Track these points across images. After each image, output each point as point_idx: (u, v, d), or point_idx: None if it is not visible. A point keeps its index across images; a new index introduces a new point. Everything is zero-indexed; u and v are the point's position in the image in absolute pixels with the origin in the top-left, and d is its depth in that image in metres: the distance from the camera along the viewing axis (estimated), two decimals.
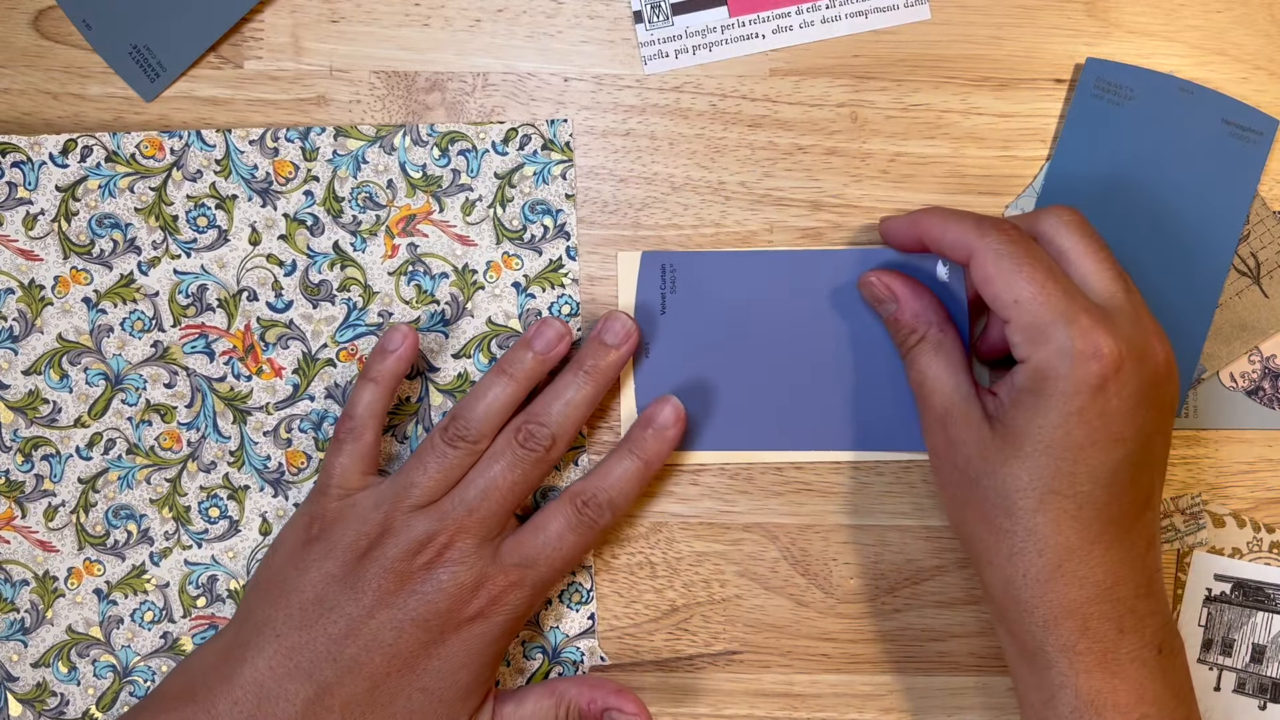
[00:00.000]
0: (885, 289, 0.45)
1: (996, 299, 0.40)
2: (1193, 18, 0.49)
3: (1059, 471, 0.39)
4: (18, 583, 0.48)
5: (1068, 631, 0.40)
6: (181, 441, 0.48)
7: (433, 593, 0.42)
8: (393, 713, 0.42)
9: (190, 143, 0.48)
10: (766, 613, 0.49)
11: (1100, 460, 0.39)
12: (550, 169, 0.49)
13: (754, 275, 0.44)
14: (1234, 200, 0.48)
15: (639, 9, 0.49)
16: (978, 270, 0.41)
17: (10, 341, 0.48)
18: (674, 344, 0.43)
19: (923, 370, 0.43)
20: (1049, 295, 0.39)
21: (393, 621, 0.42)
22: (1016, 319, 0.40)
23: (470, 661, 0.43)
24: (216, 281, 0.48)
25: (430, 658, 0.43)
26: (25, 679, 0.47)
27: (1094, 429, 0.39)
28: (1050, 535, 0.40)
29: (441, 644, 0.43)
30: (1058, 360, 0.39)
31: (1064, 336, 0.39)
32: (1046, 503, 0.39)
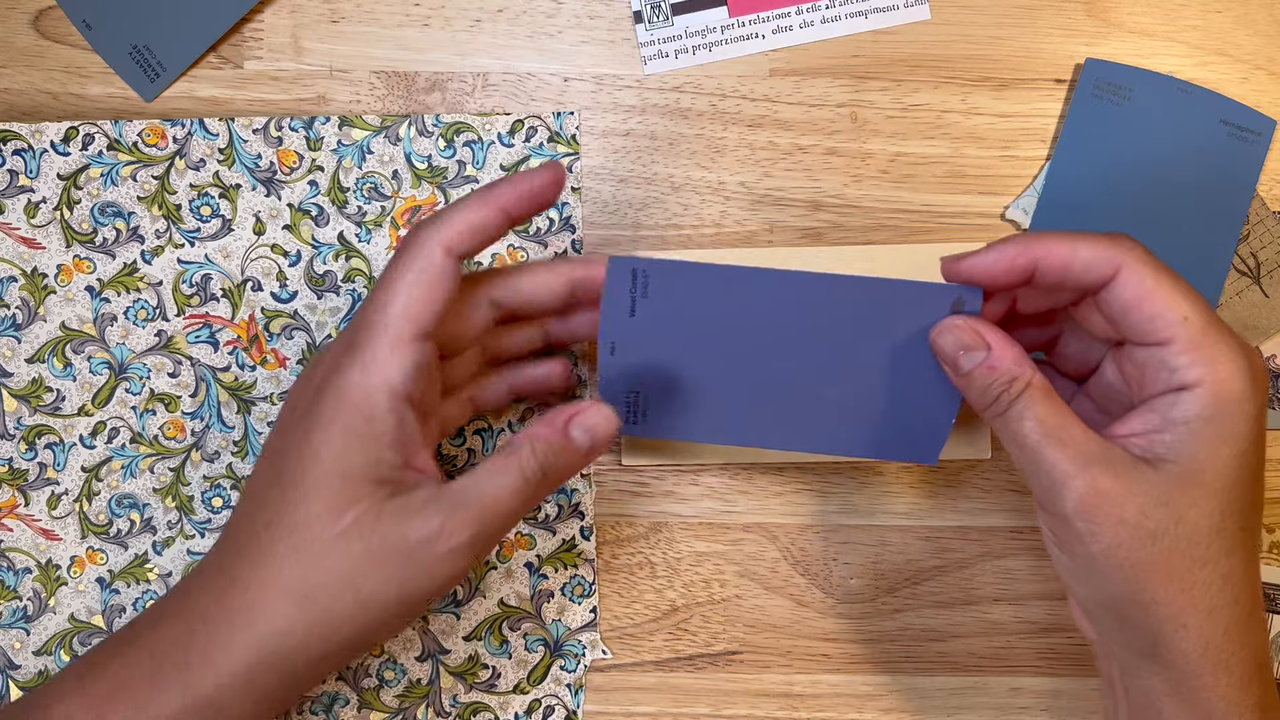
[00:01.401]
0: (975, 335, 0.38)
1: (1158, 317, 0.36)
2: (1193, 18, 0.49)
3: (1246, 503, 0.36)
4: (20, 571, 0.48)
5: (1259, 688, 0.37)
6: (185, 431, 0.48)
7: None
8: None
9: (193, 131, 0.48)
10: (766, 613, 0.49)
11: (1262, 483, 0.37)
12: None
13: (730, 288, 0.42)
14: (1234, 200, 0.48)
15: (639, 9, 0.49)
16: (1131, 286, 0.36)
17: (13, 329, 0.48)
18: (640, 345, 0.42)
19: (1046, 419, 0.36)
20: (1208, 312, 0.36)
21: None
22: (1185, 337, 0.35)
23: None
24: (221, 271, 0.48)
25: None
26: (27, 667, 0.47)
27: (1261, 451, 0.36)
28: (1243, 578, 0.36)
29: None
30: (1237, 380, 0.35)
31: (1239, 354, 0.35)
32: (1238, 542, 0.36)
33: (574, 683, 0.48)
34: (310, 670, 0.37)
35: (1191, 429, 0.35)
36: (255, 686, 0.37)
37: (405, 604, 0.37)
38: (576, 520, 0.48)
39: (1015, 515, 0.48)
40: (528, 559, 0.48)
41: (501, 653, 0.48)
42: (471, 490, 0.37)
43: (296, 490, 0.37)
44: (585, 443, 0.39)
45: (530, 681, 0.48)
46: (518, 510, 0.38)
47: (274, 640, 0.36)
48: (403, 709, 0.48)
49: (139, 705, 0.36)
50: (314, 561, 0.36)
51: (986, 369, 0.38)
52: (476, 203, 0.39)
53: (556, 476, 0.39)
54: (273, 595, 0.36)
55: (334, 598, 0.36)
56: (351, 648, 0.38)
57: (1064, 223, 0.48)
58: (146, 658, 0.37)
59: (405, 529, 0.36)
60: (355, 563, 0.36)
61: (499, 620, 0.48)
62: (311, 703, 0.48)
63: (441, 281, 0.38)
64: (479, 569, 0.48)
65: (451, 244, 0.38)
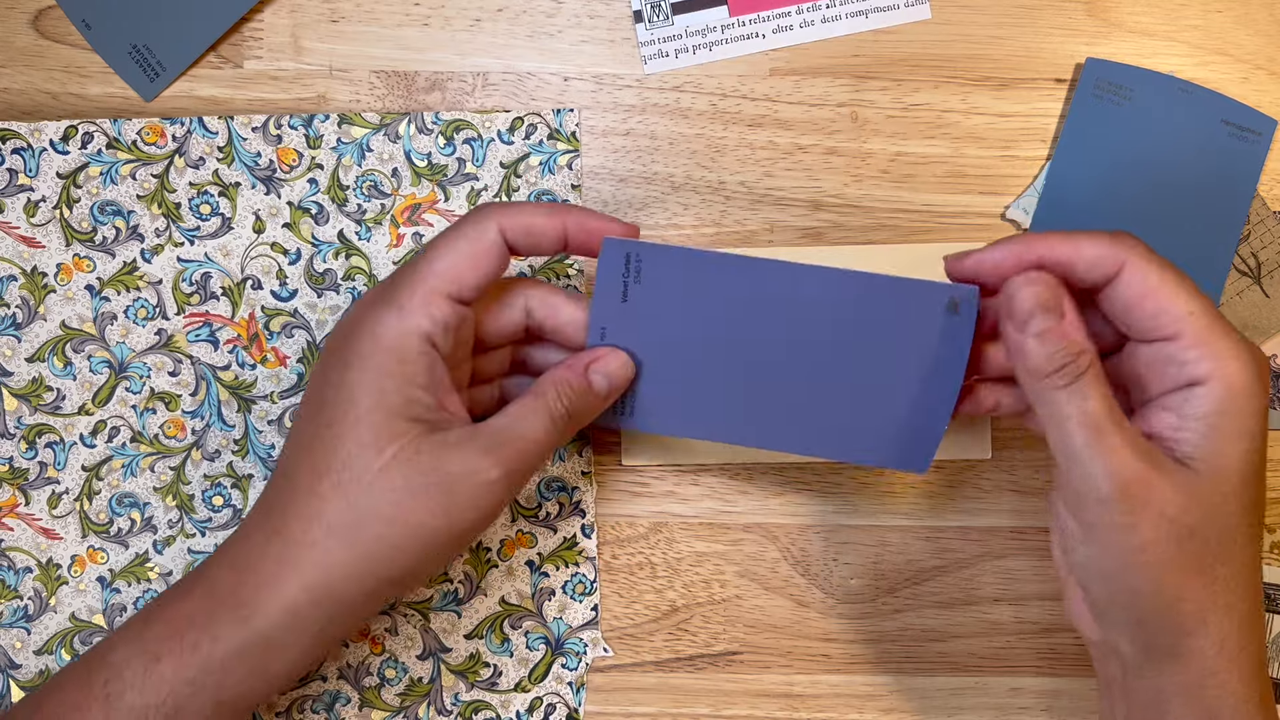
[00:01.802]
0: (1058, 299, 0.37)
1: (1163, 313, 0.36)
2: (1193, 18, 0.49)
3: (1260, 497, 0.36)
4: (21, 570, 0.48)
5: (1260, 683, 0.37)
6: (186, 430, 0.48)
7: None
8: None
9: (192, 129, 0.48)
10: (767, 613, 0.49)
11: (1264, 477, 0.37)
12: (556, 159, 0.49)
13: (723, 277, 0.42)
14: (1234, 200, 0.48)
15: (639, 9, 0.49)
16: (1136, 282, 0.36)
17: (13, 328, 0.48)
18: (631, 332, 0.42)
19: (1106, 401, 0.36)
20: (1211, 307, 0.36)
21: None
22: (1191, 332, 0.35)
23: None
24: (220, 270, 0.48)
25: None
26: (28, 666, 0.47)
27: (1265, 445, 0.36)
28: (1254, 573, 0.36)
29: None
30: (1246, 373, 0.35)
31: (1244, 348, 0.35)
32: (1253, 534, 0.36)
33: (575, 681, 0.48)
34: (363, 603, 0.39)
35: (1210, 424, 0.35)
36: (307, 622, 0.38)
37: (453, 534, 0.38)
38: (578, 518, 0.49)
39: (1015, 515, 0.49)
40: (529, 557, 0.48)
41: (503, 651, 0.48)
42: (505, 430, 0.39)
43: (336, 429, 0.38)
44: (604, 387, 0.41)
45: (531, 680, 0.48)
46: (546, 449, 0.40)
47: (323, 576, 0.37)
48: (404, 707, 0.48)
49: (194, 645, 0.38)
50: (359, 497, 0.37)
51: (1058, 334, 0.36)
52: (545, 209, 0.40)
53: (578, 419, 0.41)
54: (319, 533, 0.37)
55: (381, 530, 0.37)
56: (401, 581, 0.39)
57: (1064, 223, 0.48)
58: (200, 601, 0.38)
59: (445, 462, 0.38)
60: (399, 496, 0.37)
61: (500, 618, 0.48)
62: (313, 701, 0.48)
63: (488, 254, 0.39)
64: (480, 569, 0.48)
65: (507, 228, 0.39)
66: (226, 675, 0.38)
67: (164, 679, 0.37)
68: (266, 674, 0.38)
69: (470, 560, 0.48)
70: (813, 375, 0.42)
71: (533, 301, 0.43)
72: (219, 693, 0.38)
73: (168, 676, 0.37)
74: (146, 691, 0.37)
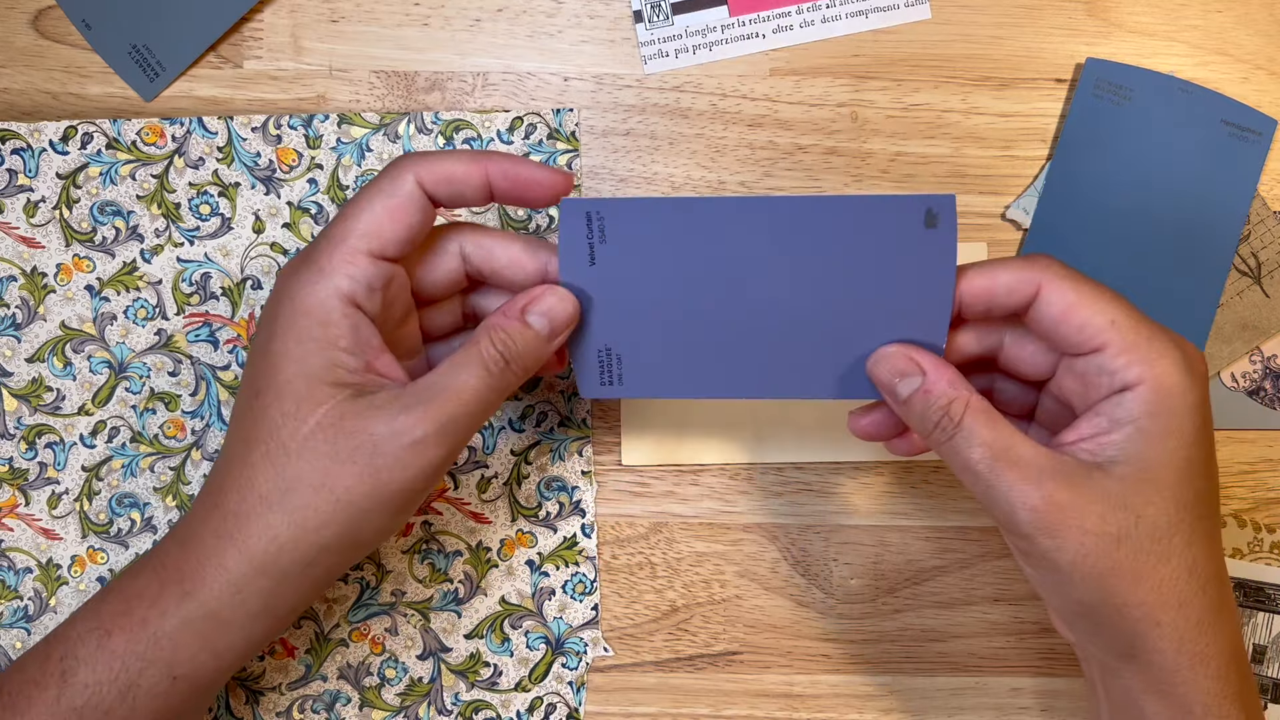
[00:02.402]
0: (909, 361, 0.38)
1: (1086, 326, 0.36)
2: (1193, 18, 0.49)
3: (1199, 495, 0.36)
4: (21, 570, 0.48)
5: (1236, 678, 0.37)
6: (186, 430, 0.48)
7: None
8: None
9: (192, 130, 0.48)
10: (767, 613, 0.49)
11: (1215, 477, 0.37)
12: (556, 158, 0.49)
13: (690, 221, 0.39)
14: (1234, 200, 0.48)
15: (639, 9, 0.49)
16: (1054, 301, 0.37)
17: (13, 329, 0.48)
18: (604, 296, 0.40)
19: (992, 441, 0.36)
20: (1135, 313, 0.36)
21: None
22: (1117, 340, 0.36)
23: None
24: (220, 270, 0.48)
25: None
26: None
27: (1210, 443, 0.36)
28: (1207, 567, 0.36)
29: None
30: (1175, 374, 0.35)
31: (1174, 349, 0.36)
32: (1197, 532, 0.36)
33: (576, 680, 0.48)
34: (304, 572, 0.38)
35: (1138, 426, 0.36)
36: (249, 593, 0.38)
37: (381, 500, 0.37)
38: (578, 517, 0.49)
39: None
40: (529, 556, 0.48)
41: (503, 650, 0.48)
42: (435, 384, 0.38)
43: (263, 399, 0.38)
44: (544, 327, 0.39)
45: (532, 679, 0.48)
46: (485, 399, 0.38)
47: (259, 546, 0.37)
48: (404, 707, 0.48)
49: (142, 620, 0.38)
50: (286, 465, 0.37)
51: (923, 394, 0.38)
52: (464, 155, 0.39)
53: (521, 364, 0.39)
54: (252, 502, 0.37)
55: (309, 498, 0.37)
56: (339, 549, 0.38)
57: (1065, 223, 0.48)
58: (149, 577, 0.38)
59: (369, 424, 0.37)
60: (325, 463, 0.37)
61: (500, 618, 0.48)
62: (313, 701, 0.48)
63: (406, 207, 0.38)
64: (480, 568, 0.48)
65: (424, 179, 0.39)
66: (177, 650, 0.38)
67: (115, 654, 0.38)
68: (216, 647, 0.38)
69: (470, 560, 0.48)
70: (798, 313, 0.40)
71: (467, 246, 0.41)
72: (172, 668, 0.38)
73: (119, 651, 0.38)
74: (98, 667, 0.38)
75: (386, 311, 0.40)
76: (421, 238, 0.40)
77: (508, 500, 0.48)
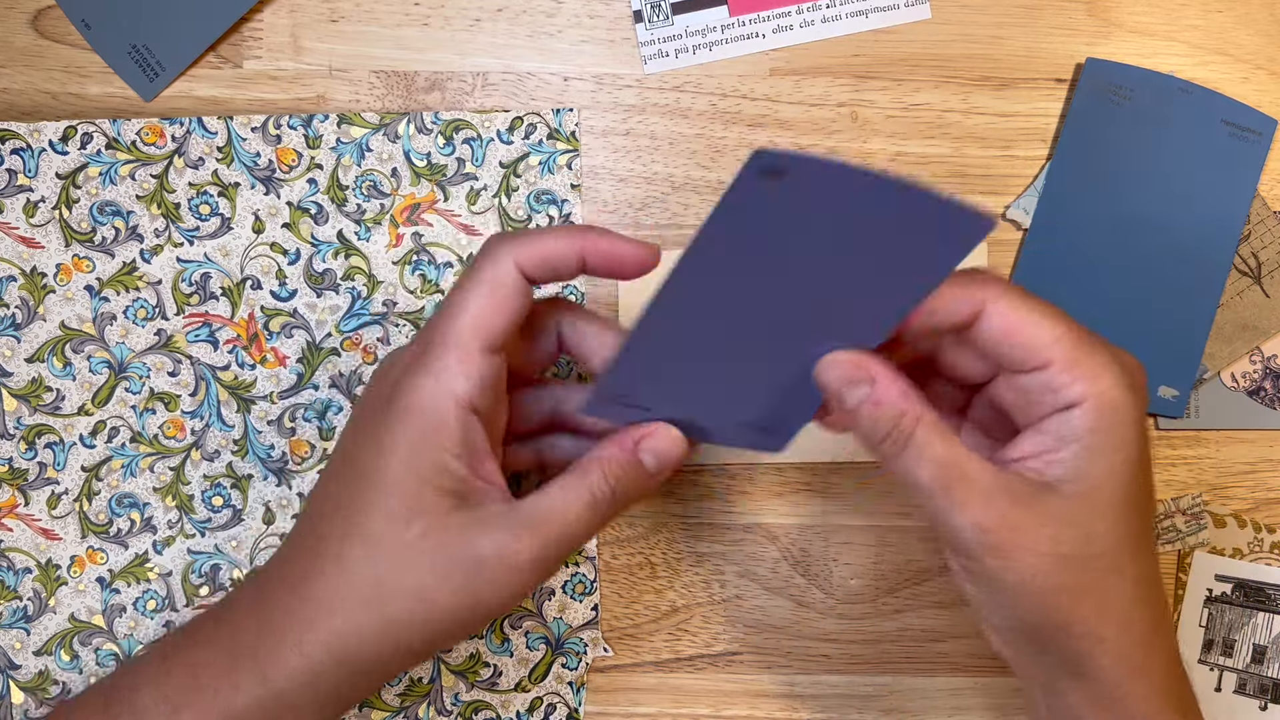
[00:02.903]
0: (858, 368, 0.37)
1: (1029, 344, 0.36)
2: (1193, 18, 0.49)
3: (1143, 509, 0.36)
4: (20, 571, 0.48)
5: (1176, 691, 0.37)
6: (185, 430, 0.48)
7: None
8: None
9: (191, 130, 0.48)
10: (767, 613, 0.49)
11: (1151, 485, 0.37)
12: (555, 159, 0.49)
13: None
14: (1234, 200, 0.48)
15: (639, 9, 0.49)
16: (997, 320, 0.36)
17: (13, 329, 0.48)
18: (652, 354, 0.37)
19: (942, 459, 0.36)
20: (1078, 330, 0.36)
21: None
22: (1061, 357, 0.35)
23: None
24: (220, 270, 0.48)
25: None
26: (28, 667, 0.47)
27: (1147, 453, 0.36)
28: (1150, 581, 0.36)
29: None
30: (1118, 390, 0.35)
31: (1115, 365, 0.35)
32: (1141, 545, 0.36)
33: (575, 680, 0.48)
34: (378, 670, 0.38)
35: (1085, 444, 0.35)
36: (323, 683, 0.37)
37: (475, 614, 0.37)
38: None
39: None
40: None
41: (503, 651, 0.48)
42: (541, 509, 0.37)
43: (367, 496, 0.37)
44: (654, 466, 0.39)
45: (531, 679, 0.48)
46: (587, 531, 0.38)
47: (343, 641, 0.37)
48: (404, 707, 0.48)
49: (215, 693, 0.37)
50: (385, 569, 0.37)
51: (872, 405, 0.36)
52: (561, 235, 0.38)
53: (625, 499, 0.38)
54: (344, 596, 0.37)
55: (403, 605, 0.37)
56: (417, 653, 0.38)
57: (1065, 223, 0.48)
58: (223, 651, 0.38)
59: (474, 543, 0.37)
60: (424, 574, 0.37)
61: (500, 618, 0.48)
62: None
63: (513, 296, 0.38)
64: None
65: (524, 262, 0.38)
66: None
67: None
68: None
69: None
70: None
71: (564, 326, 0.41)
72: None
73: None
74: None
75: (494, 406, 0.39)
76: (523, 322, 0.39)
77: None
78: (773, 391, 0.38)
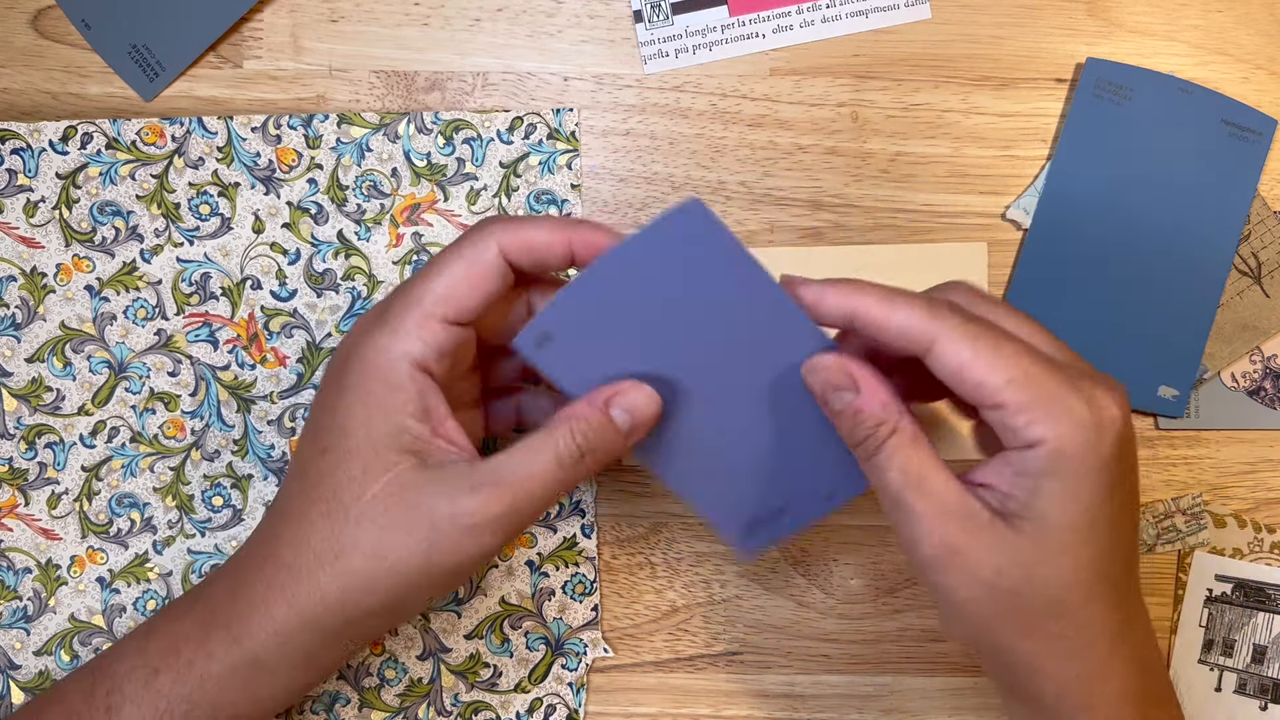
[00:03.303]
0: (844, 375, 0.37)
1: (982, 385, 0.35)
2: (1193, 17, 0.49)
3: (1102, 552, 0.35)
4: (20, 571, 0.48)
5: (1131, 716, 0.37)
6: (185, 430, 0.48)
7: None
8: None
9: (191, 130, 0.48)
10: (767, 613, 0.49)
11: (1130, 527, 0.37)
12: (555, 159, 0.49)
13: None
14: (1234, 200, 0.48)
15: (639, 8, 0.49)
16: (948, 358, 0.35)
17: (13, 329, 0.48)
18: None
19: (908, 469, 0.36)
20: (1041, 368, 0.35)
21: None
22: (1015, 400, 0.35)
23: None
24: (220, 270, 0.48)
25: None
26: (28, 667, 0.47)
27: (1122, 497, 0.36)
28: (1103, 623, 0.36)
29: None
30: (1079, 434, 0.34)
31: (1078, 408, 0.35)
32: (1095, 590, 0.36)
33: (575, 681, 0.48)
34: (346, 630, 0.38)
35: (1039, 486, 0.35)
36: (293, 645, 0.38)
37: (432, 575, 0.37)
38: (577, 518, 0.49)
39: None
40: (529, 557, 0.48)
41: (503, 651, 0.48)
42: (504, 468, 0.37)
43: (328, 457, 0.38)
44: (625, 423, 0.38)
45: (531, 680, 0.48)
46: (552, 490, 0.38)
47: (308, 602, 0.38)
48: (404, 708, 0.48)
49: (189, 662, 0.38)
50: (343, 528, 0.37)
51: (854, 411, 0.37)
52: (548, 224, 0.39)
53: (595, 459, 0.38)
54: (307, 559, 0.38)
55: (360, 564, 0.37)
56: (382, 614, 0.39)
57: (1065, 223, 0.48)
58: (198, 619, 0.39)
59: (433, 502, 0.37)
60: (383, 531, 0.37)
61: (500, 618, 0.48)
62: (312, 702, 0.48)
63: (487, 275, 0.38)
64: (501, 553, 0.48)
65: (508, 247, 0.38)
66: (221, 693, 0.38)
67: (161, 694, 0.38)
68: (258, 694, 0.39)
69: None
70: (724, 409, 0.40)
71: (534, 298, 0.42)
72: (215, 711, 0.38)
73: (164, 691, 0.38)
74: (144, 705, 0.38)
75: (453, 372, 0.40)
76: (496, 302, 0.39)
77: None
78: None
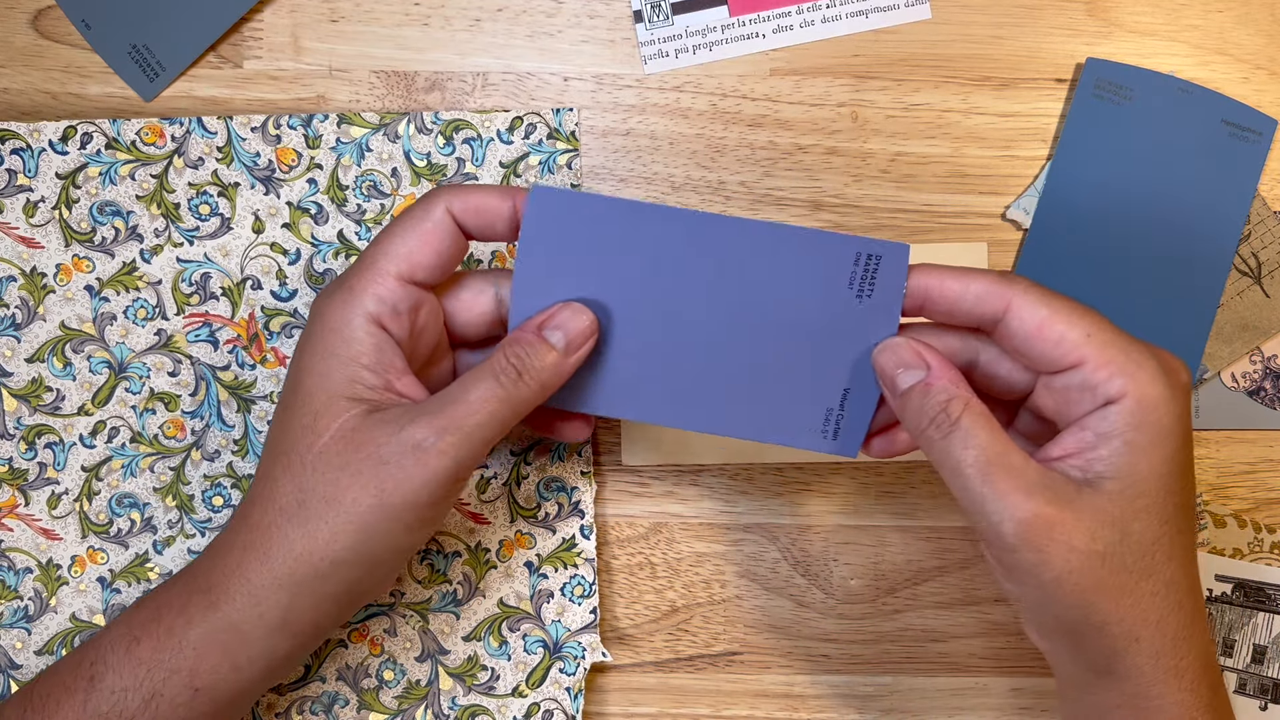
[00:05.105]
0: (914, 353, 0.38)
1: (1062, 340, 0.36)
2: (1193, 18, 0.49)
3: (1180, 505, 0.36)
4: (21, 571, 0.48)
5: (1207, 690, 0.37)
6: (185, 430, 0.48)
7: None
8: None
9: (191, 129, 0.48)
10: (767, 613, 0.49)
11: (1192, 491, 0.37)
12: (556, 158, 0.49)
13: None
14: (1234, 200, 0.48)
15: (639, 9, 0.49)
16: (1026, 316, 0.36)
17: (13, 329, 0.48)
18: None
19: (988, 446, 0.36)
20: (1114, 329, 0.36)
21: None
22: (1095, 355, 0.35)
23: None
24: (220, 270, 0.48)
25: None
26: (29, 667, 0.47)
27: (1189, 456, 0.36)
28: (1184, 582, 0.36)
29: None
30: (1158, 388, 0.35)
31: (1152, 361, 0.35)
32: (1176, 546, 0.36)
33: (573, 686, 0.48)
34: (318, 590, 0.38)
35: (1125, 440, 0.35)
36: (268, 607, 0.38)
37: (387, 512, 0.37)
38: (576, 519, 0.48)
39: None
40: (527, 558, 0.48)
41: (501, 654, 0.48)
42: (445, 396, 0.38)
43: (287, 413, 0.39)
44: (560, 341, 0.39)
45: (529, 684, 0.48)
46: (495, 412, 0.38)
47: (277, 559, 0.38)
48: (402, 710, 0.48)
49: (169, 629, 0.39)
50: (301, 478, 0.38)
51: (924, 387, 0.37)
52: (496, 189, 0.40)
53: (536, 379, 0.39)
54: (273, 515, 0.38)
55: (320, 510, 0.38)
56: (352, 564, 0.38)
57: (1065, 223, 0.48)
58: (179, 588, 0.40)
59: (377, 436, 0.37)
60: (334, 474, 0.38)
61: (498, 620, 0.48)
62: (311, 703, 0.48)
63: (436, 233, 0.39)
64: (479, 569, 0.48)
65: (455, 208, 0.39)
66: (199, 659, 0.38)
67: (140, 661, 0.38)
68: (237, 660, 0.39)
69: (469, 561, 0.48)
70: (734, 342, 0.40)
71: (503, 290, 0.42)
72: (194, 678, 0.38)
73: (144, 659, 0.38)
74: (125, 673, 0.38)
75: (416, 339, 0.40)
76: (453, 266, 0.40)
77: (507, 501, 0.48)
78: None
